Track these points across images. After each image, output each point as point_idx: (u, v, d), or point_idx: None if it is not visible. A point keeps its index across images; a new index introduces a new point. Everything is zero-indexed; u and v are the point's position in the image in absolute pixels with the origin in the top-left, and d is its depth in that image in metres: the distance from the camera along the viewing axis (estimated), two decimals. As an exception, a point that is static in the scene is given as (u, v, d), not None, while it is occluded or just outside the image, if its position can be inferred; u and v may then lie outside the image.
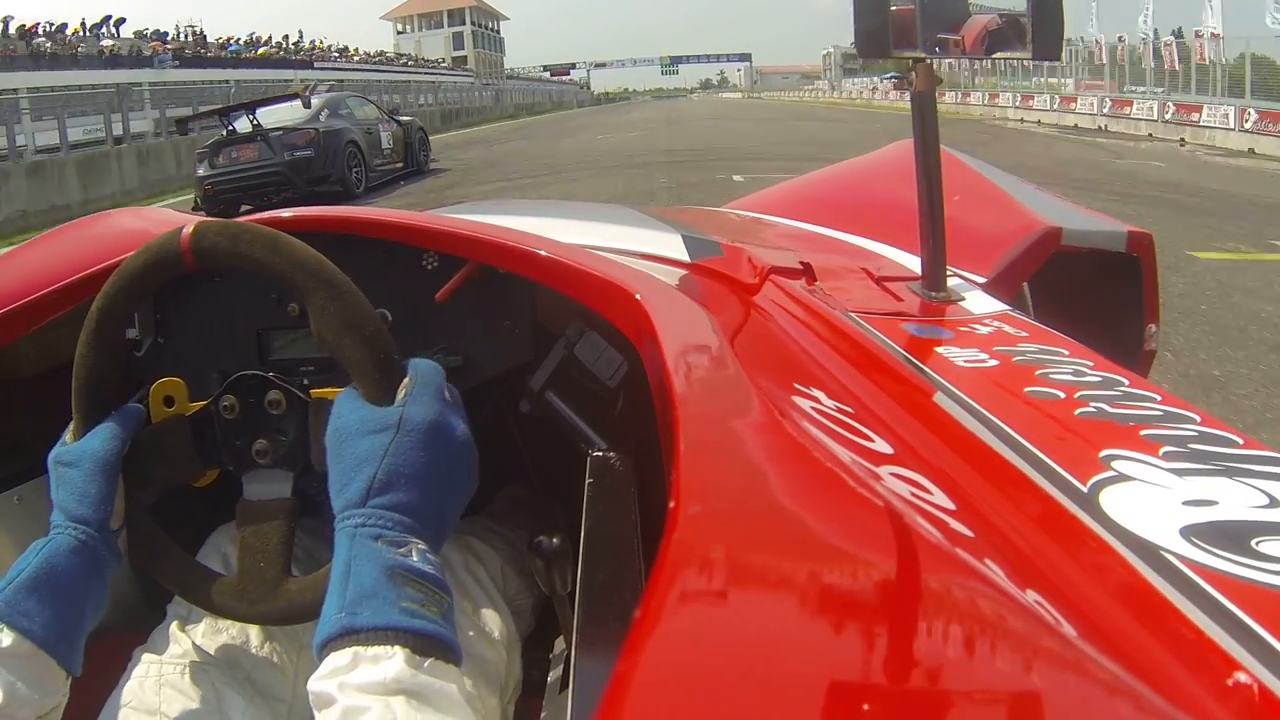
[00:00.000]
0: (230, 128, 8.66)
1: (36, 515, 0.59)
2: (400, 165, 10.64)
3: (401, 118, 11.36)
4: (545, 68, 76.35)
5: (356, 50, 39.98)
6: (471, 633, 0.73)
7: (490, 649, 0.73)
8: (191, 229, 0.59)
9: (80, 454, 0.59)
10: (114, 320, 0.61)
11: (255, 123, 8.54)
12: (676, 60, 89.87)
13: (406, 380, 0.55)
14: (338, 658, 0.45)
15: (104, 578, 0.59)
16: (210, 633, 0.70)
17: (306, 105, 9.07)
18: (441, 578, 0.49)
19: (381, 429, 0.52)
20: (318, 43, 35.60)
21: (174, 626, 0.69)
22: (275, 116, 8.74)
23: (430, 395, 0.54)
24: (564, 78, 75.08)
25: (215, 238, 0.58)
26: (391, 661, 0.44)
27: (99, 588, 0.58)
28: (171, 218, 1.01)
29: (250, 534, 0.64)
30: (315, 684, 0.45)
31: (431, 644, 0.45)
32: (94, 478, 0.58)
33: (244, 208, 8.58)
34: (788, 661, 0.31)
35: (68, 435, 0.62)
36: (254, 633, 0.71)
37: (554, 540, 0.64)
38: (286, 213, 0.74)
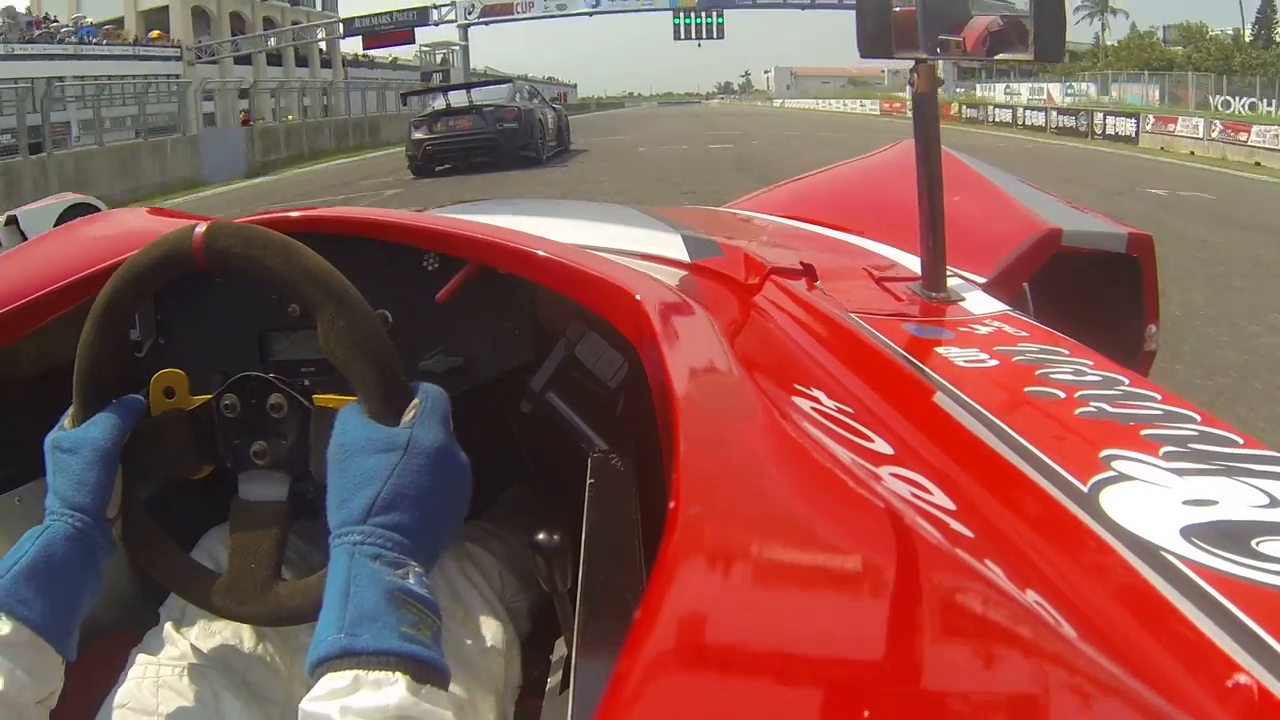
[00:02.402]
0: (447, 101, 11.78)
1: (36, 515, 0.59)
2: (555, 144, 13.31)
3: (556, 106, 14.86)
4: (341, 22, 27.68)
5: None
6: (468, 640, 0.72)
7: (486, 655, 0.73)
8: (204, 229, 0.58)
9: (80, 441, 0.59)
10: (120, 311, 0.61)
11: (471, 99, 11.78)
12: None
13: (415, 403, 0.54)
14: (336, 679, 0.44)
15: (99, 565, 0.59)
16: (204, 634, 0.70)
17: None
18: (434, 601, 0.49)
19: (389, 449, 0.52)
20: None
21: (168, 627, 0.69)
22: (483, 96, 12.11)
23: (438, 421, 0.54)
24: (395, 47, 29.63)
25: (228, 240, 0.58)
26: (394, 688, 0.44)
27: (94, 575, 0.58)
28: (170, 218, 1.01)
29: (243, 534, 0.63)
30: (311, 705, 0.44)
31: (429, 671, 0.45)
32: (93, 466, 0.58)
33: (439, 168, 11.49)
34: (788, 662, 0.31)
35: (66, 420, 0.62)
36: (247, 634, 0.70)
37: (555, 537, 0.64)
38: (295, 212, 0.75)
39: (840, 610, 0.35)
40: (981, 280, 1.02)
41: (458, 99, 11.68)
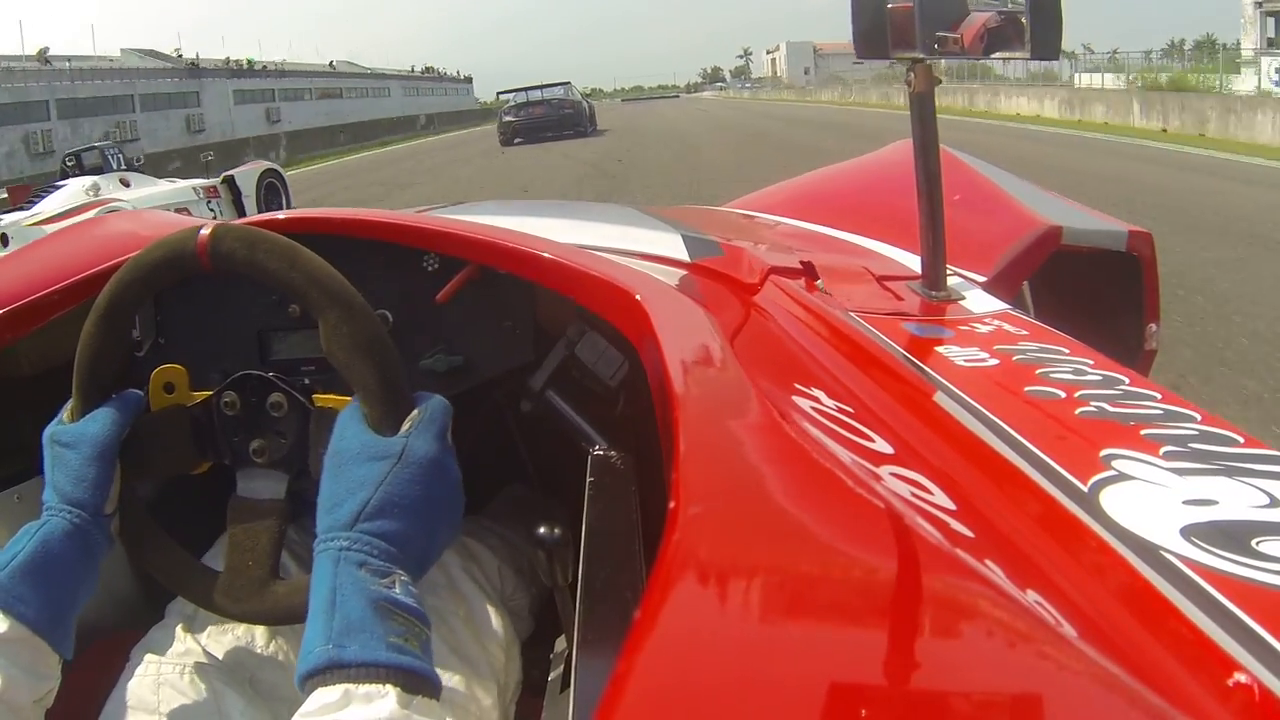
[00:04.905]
0: (527, 98, 19.99)
1: (35, 513, 0.59)
2: (590, 125, 20.16)
3: (589, 100, 22.08)
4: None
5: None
6: (468, 636, 0.72)
7: (485, 652, 0.73)
8: (209, 231, 0.58)
9: (78, 436, 0.59)
10: (123, 309, 0.61)
11: (543, 95, 19.93)
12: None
13: (415, 413, 0.54)
14: (326, 693, 0.44)
15: (96, 561, 0.59)
16: (215, 632, 0.69)
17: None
18: (422, 610, 0.49)
19: (382, 457, 0.52)
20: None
21: (178, 626, 0.69)
22: (549, 93, 20.22)
23: (435, 433, 0.54)
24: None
25: (233, 243, 0.57)
26: (384, 701, 0.43)
27: (91, 571, 0.58)
28: (168, 220, 1.01)
29: (240, 531, 0.63)
30: None
31: (419, 681, 0.45)
32: (92, 462, 0.58)
33: (517, 140, 18.70)
34: (787, 662, 0.31)
35: (65, 414, 0.61)
36: (260, 633, 0.70)
37: (555, 531, 0.64)
38: (281, 215, 0.74)
39: (840, 610, 0.35)
40: (981, 279, 1.02)
41: (535, 95, 19.97)
